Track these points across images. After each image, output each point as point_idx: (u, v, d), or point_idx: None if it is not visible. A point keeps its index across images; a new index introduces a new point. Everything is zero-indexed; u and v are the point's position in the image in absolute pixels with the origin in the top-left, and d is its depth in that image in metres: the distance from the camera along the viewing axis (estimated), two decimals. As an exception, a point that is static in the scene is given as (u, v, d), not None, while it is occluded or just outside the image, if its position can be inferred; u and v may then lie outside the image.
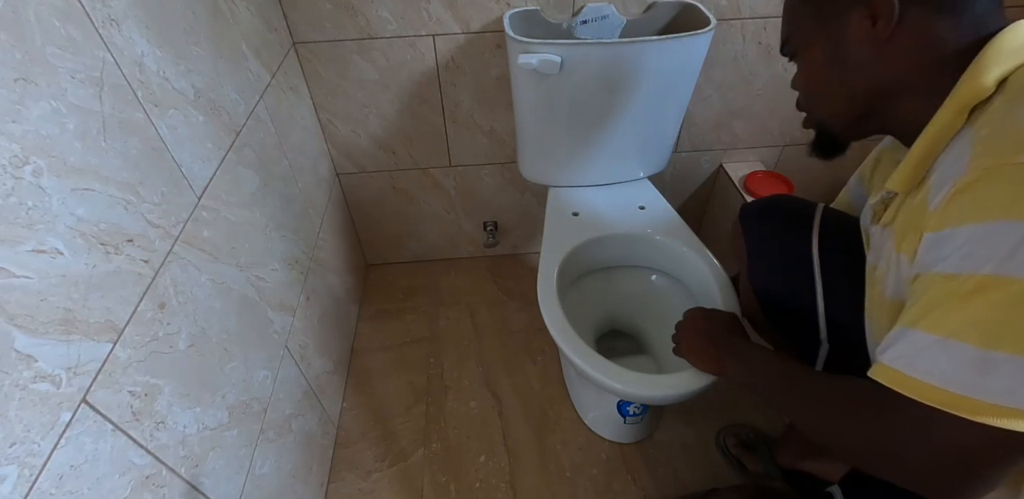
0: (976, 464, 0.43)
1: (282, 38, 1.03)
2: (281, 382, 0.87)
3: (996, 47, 0.47)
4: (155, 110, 0.60)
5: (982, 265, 0.41)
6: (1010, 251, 0.39)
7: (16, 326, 0.40)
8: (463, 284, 1.52)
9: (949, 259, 0.43)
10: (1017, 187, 0.40)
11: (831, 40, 0.55)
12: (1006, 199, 0.41)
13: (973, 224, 0.42)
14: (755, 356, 0.68)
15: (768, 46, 1.16)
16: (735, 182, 1.35)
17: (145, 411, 0.54)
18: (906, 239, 0.50)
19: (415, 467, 1.11)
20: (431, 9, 1.05)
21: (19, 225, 0.41)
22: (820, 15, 0.56)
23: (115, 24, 0.55)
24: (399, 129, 1.24)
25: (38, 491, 0.41)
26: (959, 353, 0.42)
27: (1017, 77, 0.46)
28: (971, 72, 0.47)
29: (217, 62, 0.76)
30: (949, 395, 0.42)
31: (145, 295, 0.55)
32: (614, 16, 1.04)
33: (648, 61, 0.95)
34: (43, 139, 0.44)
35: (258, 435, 0.78)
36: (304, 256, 1.04)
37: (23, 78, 0.43)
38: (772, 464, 1.04)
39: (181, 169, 0.64)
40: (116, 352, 0.50)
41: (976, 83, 0.47)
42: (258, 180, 0.85)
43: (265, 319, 0.83)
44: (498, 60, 1.13)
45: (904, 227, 0.52)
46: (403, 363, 1.31)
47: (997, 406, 0.40)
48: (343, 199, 1.37)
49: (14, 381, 0.40)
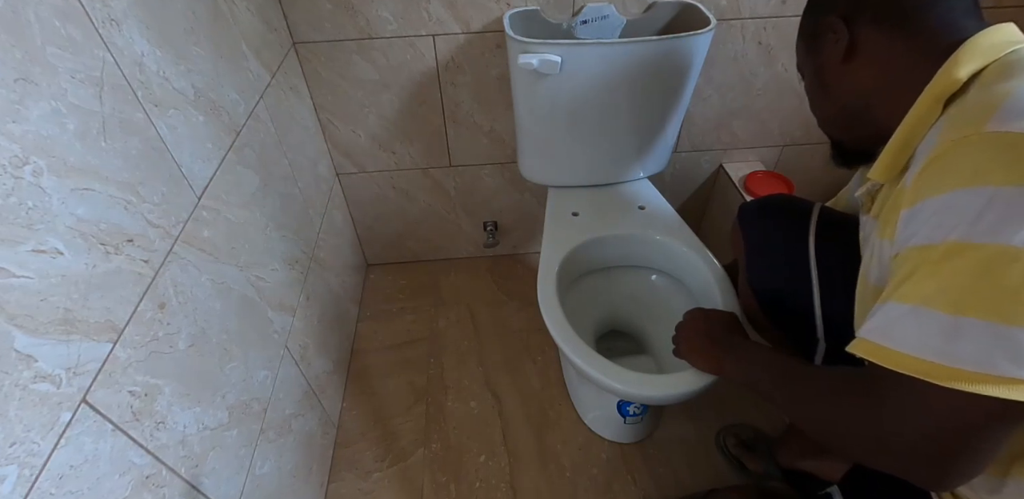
0: (958, 437, 0.43)
1: (282, 38, 1.03)
2: (281, 382, 0.87)
3: (971, 45, 0.49)
4: (155, 110, 0.60)
5: (949, 232, 0.42)
6: (975, 217, 0.40)
7: (16, 326, 0.40)
8: (463, 284, 1.52)
9: (921, 231, 0.44)
10: (981, 155, 0.41)
11: (813, 66, 0.63)
12: (970, 167, 0.42)
13: (941, 194, 0.43)
14: (755, 354, 0.68)
15: (768, 46, 1.16)
16: (735, 182, 1.35)
17: (145, 411, 0.54)
18: (888, 224, 0.51)
19: (415, 467, 1.11)
20: (431, 9, 1.05)
21: (19, 225, 0.41)
22: (806, 45, 0.64)
23: (115, 24, 0.55)
24: (399, 129, 1.24)
25: (38, 491, 0.41)
26: (929, 320, 0.42)
27: (991, 71, 0.47)
28: (945, 68, 0.49)
29: (217, 62, 0.76)
30: (922, 363, 0.42)
31: (145, 295, 0.55)
32: (614, 16, 1.04)
33: (648, 61, 0.95)
34: (43, 139, 0.44)
35: (258, 435, 0.78)
36: (304, 256, 1.04)
37: (23, 78, 0.43)
38: (772, 464, 1.04)
39: (181, 169, 0.64)
40: (116, 352, 0.50)
41: (948, 76, 0.48)
42: (258, 180, 0.85)
43: (265, 319, 0.83)
44: (498, 60, 1.13)
45: (887, 213, 0.53)
46: (403, 363, 1.31)
47: (968, 372, 0.40)
48: (343, 199, 1.37)
49: (14, 381, 0.40)
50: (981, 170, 0.41)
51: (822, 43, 0.59)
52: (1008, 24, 0.51)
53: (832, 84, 0.60)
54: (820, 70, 0.61)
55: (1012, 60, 0.47)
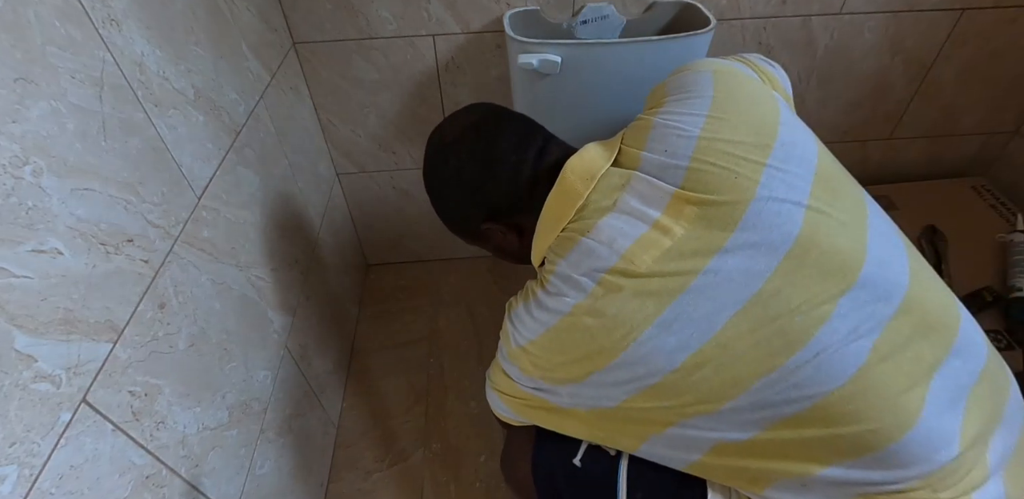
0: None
1: (282, 38, 1.03)
2: (281, 382, 0.87)
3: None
4: (155, 110, 0.60)
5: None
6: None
7: (16, 326, 0.40)
8: (463, 284, 1.52)
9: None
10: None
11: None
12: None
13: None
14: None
15: (768, 46, 1.16)
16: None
17: (145, 411, 0.54)
18: None
19: (415, 467, 1.11)
20: (431, 9, 1.05)
21: (19, 225, 0.41)
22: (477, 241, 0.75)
23: (115, 24, 0.55)
24: (399, 129, 1.24)
25: (38, 491, 0.41)
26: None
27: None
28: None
29: (217, 62, 0.76)
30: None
31: (145, 295, 0.55)
32: (614, 16, 1.04)
33: (648, 61, 0.95)
34: (43, 139, 0.44)
35: (258, 435, 0.78)
36: (304, 256, 1.04)
37: (23, 78, 0.43)
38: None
39: (181, 169, 0.64)
40: (116, 352, 0.50)
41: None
42: (258, 180, 0.85)
43: (265, 319, 0.83)
44: (498, 60, 1.13)
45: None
46: (403, 363, 1.31)
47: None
48: (343, 199, 1.37)
49: (14, 381, 0.40)
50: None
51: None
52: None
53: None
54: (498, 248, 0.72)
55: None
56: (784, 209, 0.51)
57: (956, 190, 1.35)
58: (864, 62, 1.18)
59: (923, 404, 0.49)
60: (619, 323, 0.51)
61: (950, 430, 0.50)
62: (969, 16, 1.13)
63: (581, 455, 0.67)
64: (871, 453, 0.49)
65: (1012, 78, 1.25)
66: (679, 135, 0.55)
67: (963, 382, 0.52)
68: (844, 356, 0.49)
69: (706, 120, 0.56)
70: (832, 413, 0.49)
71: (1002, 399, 0.54)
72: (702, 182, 0.52)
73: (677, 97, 0.60)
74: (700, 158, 0.53)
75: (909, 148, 1.38)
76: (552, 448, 0.69)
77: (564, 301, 0.54)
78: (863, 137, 1.34)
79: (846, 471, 0.50)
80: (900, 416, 0.49)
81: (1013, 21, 1.14)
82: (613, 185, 0.55)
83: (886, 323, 0.50)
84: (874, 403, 0.49)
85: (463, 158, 0.64)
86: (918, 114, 1.30)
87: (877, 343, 0.49)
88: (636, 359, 0.51)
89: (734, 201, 0.51)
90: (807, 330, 0.49)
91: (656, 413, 0.54)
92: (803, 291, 0.50)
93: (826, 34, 1.13)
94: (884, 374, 0.49)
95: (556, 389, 0.58)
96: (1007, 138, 1.38)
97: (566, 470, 0.67)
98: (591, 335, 0.52)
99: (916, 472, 0.49)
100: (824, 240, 0.51)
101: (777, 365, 0.49)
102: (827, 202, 0.53)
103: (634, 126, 0.61)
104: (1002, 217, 1.26)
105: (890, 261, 0.53)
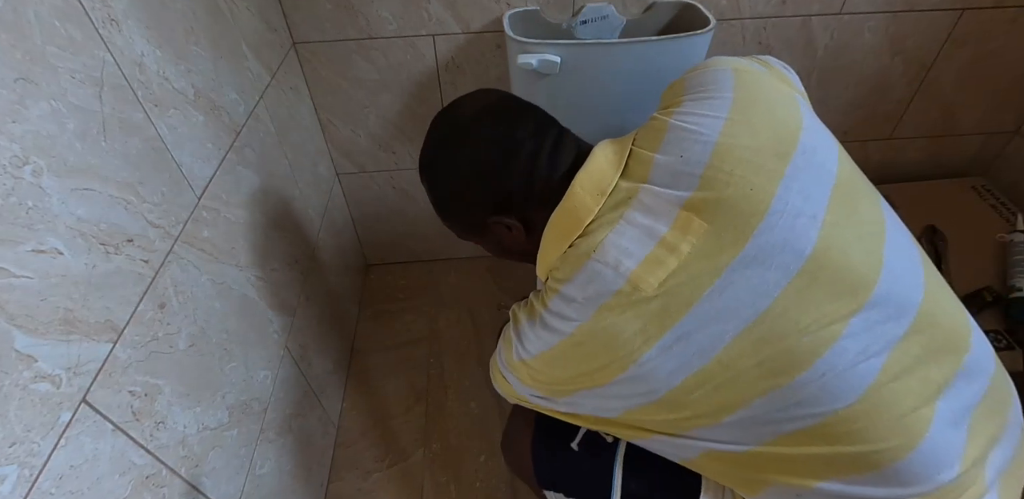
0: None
1: (282, 38, 1.03)
2: (281, 382, 0.87)
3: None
4: (155, 110, 0.60)
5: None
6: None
7: (16, 326, 0.40)
8: (463, 284, 1.52)
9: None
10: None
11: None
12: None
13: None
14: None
15: (768, 46, 1.16)
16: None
17: (145, 411, 0.54)
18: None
19: (415, 467, 1.11)
20: (431, 9, 1.05)
21: (19, 225, 0.41)
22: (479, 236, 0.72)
23: (115, 24, 0.55)
24: (399, 129, 1.24)
25: (38, 491, 0.41)
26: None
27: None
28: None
29: (217, 62, 0.76)
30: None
31: (145, 295, 0.55)
32: (614, 16, 1.04)
33: (648, 61, 0.95)
34: (43, 139, 0.44)
35: (258, 435, 0.78)
36: (304, 256, 1.04)
37: (23, 78, 0.43)
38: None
39: (181, 169, 0.64)
40: (116, 352, 0.50)
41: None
42: (258, 180, 0.85)
43: (265, 319, 0.83)
44: (498, 60, 1.13)
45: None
46: (403, 363, 1.31)
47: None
48: (343, 199, 1.37)
49: (14, 381, 0.40)
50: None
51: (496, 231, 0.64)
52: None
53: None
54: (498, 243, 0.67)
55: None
56: (799, 224, 0.49)
57: (956, 190, 1.35)
58: (864, 62, 1.19)
59: (929, 424, 0.48)
60: (620, 345, 0.50)
61: (954, 450, 0.49)
62: (969, 16, 1.13)
63: (579, 439, 0.67)
64: (873, 471, 0.48)
65: (1012, 78, 1.25)
66: (695, 140, 0.53)
67: (968, 402, 0.51)
68: (852, 376, 0.48)
69: (725, 123, 0.53)
70: (837, 431, 0.48)
71: (1004, 415, 0.54)
72: (715, 191, 0.50)
73: (695, 97, 0.57)
74: (716, 165, 0.51)
75: (909, 148, 1.38)
76: (551, 432, 0.69)
77: (568, 323, 0.52)
78: (863, 137, 1.34)
79: (845, 486, 0.49)
80: (905, 436, 0.48)
81: (1013, 21, 1.14)
82: (620, 200, 0.53)
83: (896, 343, 0.49)
84: (880, 423, 0.48)
85: (482, 140, 0.59)
86: (918, 114, 1.30)
87: (887, 363, 0.48)
88: (636, 378, 0.51)
89: (747, 214, 0.49)
90: (815, 350, 0.48)
91: (655, 423, 0.54)
92: (813, 310, 0.48)
93: (826, 34, 1.13)
94: (892, 394, 0.48)
95: (554, 399, 0.58)
96: (1007, 138, 1.38)
97: (564, 454, 0.67)
98: (592, 356, 0.52)
99: (916, 491, 0.48)
100: (838, 257, 0.49)
101: (781, 384, 0.48)
102: (844, 214, 0.51)
103: (648, 126, 0.58)
104: (1002, 217, 1.26)
105: (905, 275, 0.52)
